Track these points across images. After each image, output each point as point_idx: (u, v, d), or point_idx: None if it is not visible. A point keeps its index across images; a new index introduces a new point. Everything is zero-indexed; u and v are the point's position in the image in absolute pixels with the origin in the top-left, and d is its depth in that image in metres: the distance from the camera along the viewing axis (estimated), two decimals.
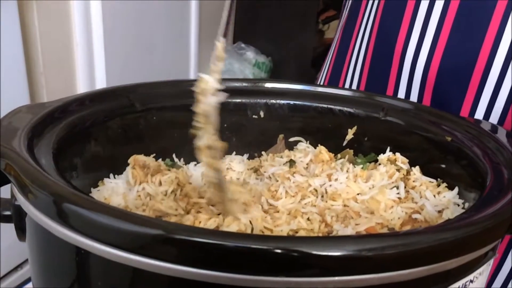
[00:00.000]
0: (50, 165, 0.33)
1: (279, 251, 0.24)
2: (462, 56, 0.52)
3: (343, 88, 0.52)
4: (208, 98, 0.36)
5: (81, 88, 1.32)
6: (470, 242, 0.27)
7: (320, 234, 0.33)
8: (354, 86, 0.63)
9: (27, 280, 0.60)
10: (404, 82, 0.57)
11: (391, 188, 0.39)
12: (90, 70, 1.24)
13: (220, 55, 0.39)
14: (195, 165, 0.50)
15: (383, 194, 0.37)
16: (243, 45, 2.32)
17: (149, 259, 0.26)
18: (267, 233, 0.32)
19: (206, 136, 0.35)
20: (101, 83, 1.31)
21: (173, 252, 0.25)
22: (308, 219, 0.34)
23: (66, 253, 0.29)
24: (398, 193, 0.39)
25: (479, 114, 0.52)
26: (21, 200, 0.31)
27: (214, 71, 0.39)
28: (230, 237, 0.25)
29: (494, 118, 0.52)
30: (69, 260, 0.29)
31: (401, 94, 0.57)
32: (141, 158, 0.43)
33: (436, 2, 0.52)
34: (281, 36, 2.34)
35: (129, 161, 0.43)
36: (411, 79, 0.56)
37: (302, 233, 0.32)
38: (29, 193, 0.29)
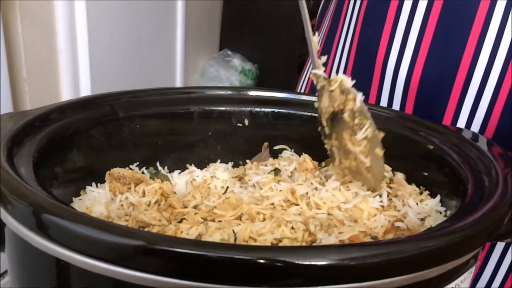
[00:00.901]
0: (30, 175, 0.32)
1: (262, 261, 0.24)
2: (444, 65, 0.52)
3: None
4: (358, 95, 0.40)
5: (65, 94, 1.30)
6: (451, 250, 0.27)
7: (304, 243, 0.33)
8: None
9: None
10: (386, 91, 0.57)
11: (374, 197, 0.39)
12: (75, 77, 1.23)
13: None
14: (179, 173, 0.50)
15: (366, 202, 0.37)
16: (229, 52, 2.32)
17: (130, 271, 0.25)
18: (251, 242, 0.32)
19: (370, 129, 0.40)
20: (85, 90, 1.30)
21: (154, 263, 0.25)
22: (292, 227, 0.34)
23: (46, 265, 0.29)
24: (381, 201, 0.39)
25: (461, 122, 0.53)
26: (2, 214, 0.30)
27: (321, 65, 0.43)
28: (212, 248, 0.24)
29: (476, 125, 0.52)
30: (49, 272, 0.29)
31: (384, 102, 0.58)
32: (115, 171, 0.42)
33: (417, 11, 0.53)
34: (267, 44, 2.35)
35: (106, 176, 0.43)
36: (393, 87, 0.56)
37: (285, 242, 0.32)
38: (8, 203, 0.29)
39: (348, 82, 0.42)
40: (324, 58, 0.45)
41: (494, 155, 0.39)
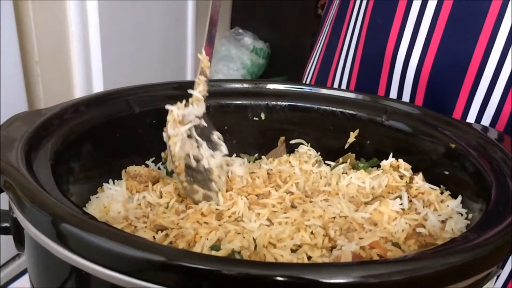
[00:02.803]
0: (49, 180, 0.32)
1: (285, 279, 0.24)
2: (456, 56, 0.51)
3: (346, 90, 0.51)
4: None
5: (77, 77, 1.30)
6: (478, 265, 0.27)
7: (324, 250, 0.32)
8: (343, 86, 0.63)
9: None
10: (395, 82, 0.56)
11: (394, 199, 0.39)
12: (86, 60, 1.23)
13: (205, 68, 0.40)
14: None
15: (386, 205, 0.37)
16: (240, 30, 2.29)
17: (151, 284, 0.25)
18: (270, 248, 0.32)
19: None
20: (97, 72, 1.29)
21: (175, 278, 0.25)
22: (312, 233, 0.34)
23: (66, 273, 0.29)
24: (401, 204, 0.38)
25: (472, 114, 0.52)
26: (20, 217, 0.30)
27: (199, 84, 0.39)
28: (234, 264, 0.24)
29: (487, 119, 0.51)
30: (69, 280, 0.29)
31: (393, 94, 0.57)
32: (131, 169, 0.42)
33: (429, 2, 0.51)
34: (279, 22, 2.31)
35: (122, 174, 0.43)
36: (403, 79, 0.55)
37: (305, 248, 0.32)
38: (28, 212, 0.29)
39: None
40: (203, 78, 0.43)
41: None
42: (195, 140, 0.41)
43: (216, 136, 0.44)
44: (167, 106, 0.40)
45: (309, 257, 0.31)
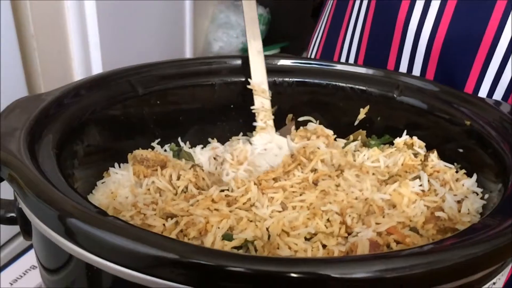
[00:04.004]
0: (55, 172, 0.31)
1: (300, 275, 0.23)
2: (470, 27, 0.49)
3: (355, 64, 0.49)
4: None
5: (75, 49, 1.27)
6: (500, 254, 0.26)
7: (340, 238, 0.31)
8: (351, 60, 0.61)
9: (29, 247, 0.61)
10: (406, 55, 0.54)
11: (413, 179, 0.38)
12: (83, 32, 1.20)
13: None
14: (202, 148, 0.48)
15: (407, 187, 0.36)
16: None
17: (163, 281, 0.24)
18: (284, 236, 0.31)
19: None
20: (94, 45, 1.26)
21: (188, 275, 0.24)
22: (328, 220, 0.33)
23: (77, 267, 0.28)
24: (420, 185, 0.37)
25: (485, 87, 0.50)
26: (26, 211, 0.29)
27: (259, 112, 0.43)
28: (248, 261, 0.23)
29: (500, 92, 0.50)
30: (80, 274, 0.28)
31: (403, 67, 0.55)
32: (137, 153, 0.41)
33: None
34: None
35: (128, 158, 0.41)
36: (414, 51, 0.53)
37: (320, 237, 0.31)
38: (35, 206, 0.28)
39: None
40: None
41: None
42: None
43: None
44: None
45: (324, 245, 0.31)
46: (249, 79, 0.46)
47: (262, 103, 0.45)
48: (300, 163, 0.42)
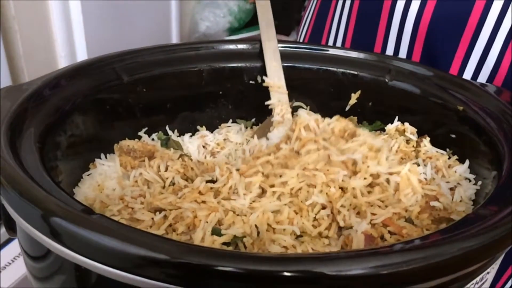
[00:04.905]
0: (38, 168, 0.30)
1: (294, 274, 0.23)
2: (456, 8, 0.49)
3: (347, 48, 0.48)
4: None
5: (57, 30, 1.23)
6: (496, 246, 0.26)
7: (330, 239, 0.30)
8: (339, 43, 0.60)
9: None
10: (393, 37, 0.54)
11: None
12: (65, 11, 1.16)
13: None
14: (190, 136, 0.47)
15: (416, 173, 0.35)
16: None
17: (154, 282, 0.24)
18: (270, 232, 0.30)
19: None
20: (77, 23, 1.22)
21: (182, 276, 0.23)
22: (315, 218, 0.32)
23: (63, 266, 0.27)
24: (423, 173, 0.36)
25: (470, 68, 0.50)
26: (9, 210, 0.28)
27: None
28: (241, 260, 0.23)
29: (485, 73, 0.50)
30: (67, 273, 0.28)
31: (390, 48, 0.54)
32: (124, 144, 0.40)
33: None
34: None
35: (114, 149, 0.40)
36: (401, 32, 0.53)
37: (306, 239, 0.30)
38: (18, 205, 0.27)
39: None
40: None
41: None
42: None
43: None
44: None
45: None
46: (264, 77, 0.46)
47: (278, 98, 0.44)
48: (288, 138, 0.40)
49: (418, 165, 0.38)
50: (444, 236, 0.25)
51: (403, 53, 0.54)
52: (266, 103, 0.46)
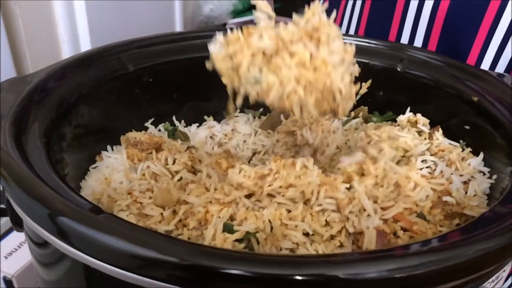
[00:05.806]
0: (44, 164, 0.29)
1: (307, 278, 0.22)
2: None
3: (357, 36, 0.47)
4: None
5: (59, 14, 1.21)
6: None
7: (341, 241, 0.30)
8: (352, 30, 0.58)
9: None
10: (409, 24, 0.52)
11: (422, 161, 0.36)
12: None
13: None
14: (198, 127, 0.47)
15: (414, 169, 0.34)
16: None
17: (164, 284, 0.23)
18: (283, 228, 0.30)
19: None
20: (80, 7, 1.20)
21: (192, 278, 0.23)
22: (326, 221, 0.31)
23: (71, 266, 0.27)
24: (428, 167, 0.35)
25: (489, 57, 0.49)
26: (16, 208, 0.28)
27: None
28: (253, 264, 0.22)
29: (503, 62, 0.48)
30: (75, 272, 0.27)
31: (405, 35, 0.53)
32: (130, 136, 0.39)
33: None
34: None
35: (121, 140, 0.39)
36: (417, 20, 0.51)
37: (318, 239, 0.29)
38: (24, 204, 0.26)
39: None
40: None
41: None
42: None
43: None
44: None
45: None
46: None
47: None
48: None
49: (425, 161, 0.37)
50: (461, 237, 0.24)
51: (419, 41, 0.52)
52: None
